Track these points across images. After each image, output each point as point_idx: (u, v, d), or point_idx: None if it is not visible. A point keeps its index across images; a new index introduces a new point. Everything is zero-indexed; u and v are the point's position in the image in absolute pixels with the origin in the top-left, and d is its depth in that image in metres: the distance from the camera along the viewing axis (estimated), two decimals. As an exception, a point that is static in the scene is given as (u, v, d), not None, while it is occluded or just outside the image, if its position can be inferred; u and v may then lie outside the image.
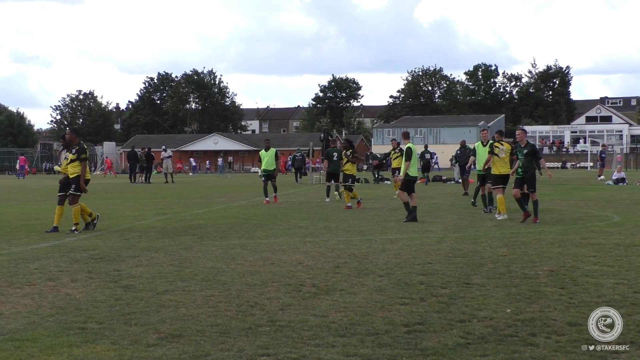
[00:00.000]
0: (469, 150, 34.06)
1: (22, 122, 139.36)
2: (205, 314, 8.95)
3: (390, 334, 7.96)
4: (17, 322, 8.61)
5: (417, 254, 13.93)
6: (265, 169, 28.69)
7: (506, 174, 21.75)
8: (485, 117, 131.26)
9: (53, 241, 16.50)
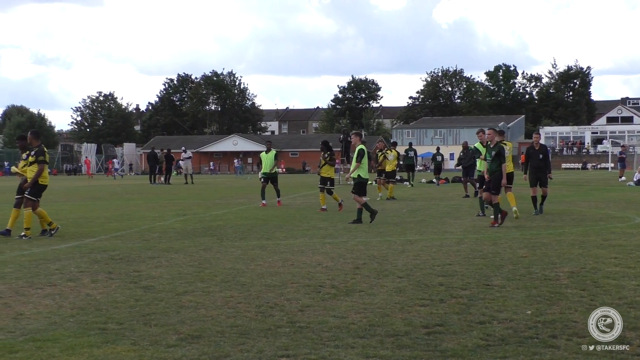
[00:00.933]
0: (471, 152, 33.62)
1: (43, 124, 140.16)
2: (224, 315, 8.96)
3: (410, 336, 7.94)
4: (38, 323, 8.65)
5: (437, 255, 13.89)
6: (265, 172, 28.30)
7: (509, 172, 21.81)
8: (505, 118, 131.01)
9: (73, 242, 16.57)
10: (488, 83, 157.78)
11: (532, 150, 23.16)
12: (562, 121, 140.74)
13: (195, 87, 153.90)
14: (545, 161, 22.96)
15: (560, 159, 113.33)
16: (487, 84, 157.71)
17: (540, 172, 22.87)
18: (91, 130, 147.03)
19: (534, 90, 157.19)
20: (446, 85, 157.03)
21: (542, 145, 23.39)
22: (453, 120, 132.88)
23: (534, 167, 22.96)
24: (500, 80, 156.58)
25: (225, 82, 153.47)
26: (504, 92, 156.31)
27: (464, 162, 33.63)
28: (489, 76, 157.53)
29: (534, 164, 23.00)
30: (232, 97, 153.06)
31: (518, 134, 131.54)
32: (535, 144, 23.24)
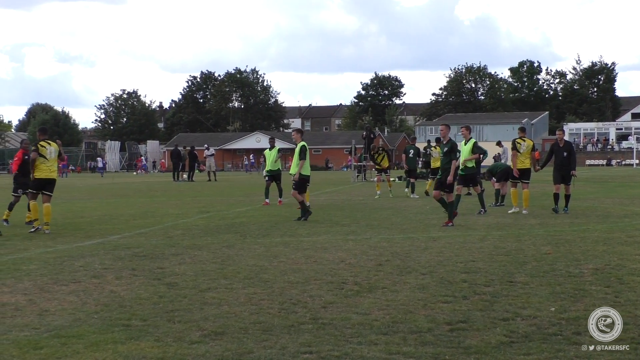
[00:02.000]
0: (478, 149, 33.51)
1: (67, 121, 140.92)
2: (247, 312, 8.97)
3: (433, 332, 7.93)
4: (62, 319, 8.70)
5: (460, 252, 13.86)
6: (269, 170, 27.66)
7: (526, 168, 22.99)
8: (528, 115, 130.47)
9: (98, 239, 16.66)
10: (512, 79, 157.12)
11: (556, 147, 22.78)
12: (586, 117, 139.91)
13: (219, 85, 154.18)
14: (570, 158, 22.49)
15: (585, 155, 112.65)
16: (511, 81, 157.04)
17: (565, 170, 22.43)
18: (115, 128, 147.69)
19: (558, 87, 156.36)
20: (469, 81, 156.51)
21: (566, 142, 22.99)
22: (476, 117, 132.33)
23: (558, 165, 22.58)
24: (524, 76, 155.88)
25: (248, 79, 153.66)
26: (528, 88, 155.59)
27: None
28: (513, 72, 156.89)
29: (558, 162, 22.61)
30: (256, 95, 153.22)
31: (542, 131, 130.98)
32: (560, 140, 22.88)
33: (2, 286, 10.83)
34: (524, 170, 23.08)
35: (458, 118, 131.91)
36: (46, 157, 18.80)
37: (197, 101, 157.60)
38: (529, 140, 23.37)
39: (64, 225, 19.88)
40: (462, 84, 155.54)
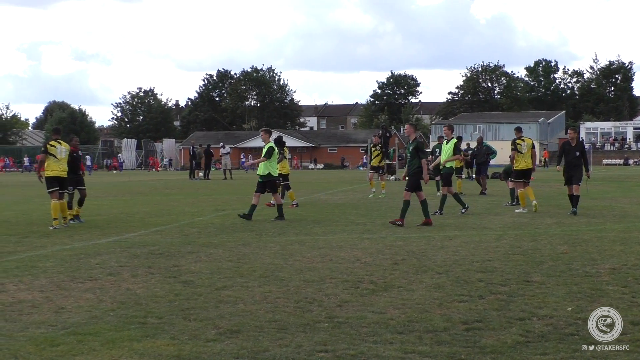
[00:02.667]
0: (485, 148, 32.93)
1: (84, 119, 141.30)
2: (263, 310, 8.98)
3: (449, 332, 7.91)
4: (79, 316, 8.73)
5: (476, 251, 13.83)
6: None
7: (527, 168, 22.96)
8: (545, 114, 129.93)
9: (114, 237, 16.70)
10: (528, 78, 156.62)
11: (568, 147, 21.87)
12: (603, 117, 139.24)
13: (235, 83, 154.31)
14: (582, 159, 21.64)
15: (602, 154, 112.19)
16: (527, 79, 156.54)
17: (575, 170, 21.56)
18: (131, 126, 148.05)
19: (575, 86, 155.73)
20: (486, 80, 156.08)
21: (579, 142, 22.01)
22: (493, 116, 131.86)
23: (569, 165, 21.72)
24: (540, 75, 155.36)
25: (264, 77, 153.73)
26: (544, 87, 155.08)
27: (477, 158, 33.11)
28: (529, 71, 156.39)
29: (569, 161, 21.72)
30: (272, 93, 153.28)
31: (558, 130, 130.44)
32: (572, 140, 21.86)
33: (19, 283, 10.88)
34: (527, 170, 23.05)
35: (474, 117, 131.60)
36: (56, 156, 19.32)
37: (213, 99, 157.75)
38: (529, 139, 23.49)
39: (80, 224, 19.93)
40: (478, 82, 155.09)
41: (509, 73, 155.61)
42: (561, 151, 22.16)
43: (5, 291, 10.31)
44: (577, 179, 21.51)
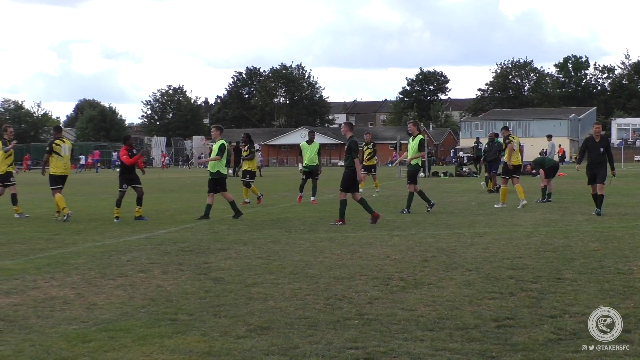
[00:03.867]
0: (497, 145, 31.60)
1: (114, 117, 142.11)
2: (293, 307, 8.98)
3: (480, 329, 7.88)
4: (110, 313, 8.78)
5: (507, 248, 13.76)
6: (307, 165, 26.33)
7: (519, 164, 24.31)
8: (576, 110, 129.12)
9: (144, 234, 16.78)
10: (558, 74, 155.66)
11: (591, 142, 20.54)
12: (635, 113, 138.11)
13: (264, 80, 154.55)
14: (606, 155, 20.29)
15: (633, 151, 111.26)
16: (558, 76, 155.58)
17: (599, 168, 20.25)
18: (161, 124, 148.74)
19: (606, 82, 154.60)
20: (515, 77, 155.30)
21: (603, 137, 20.76)
22: (522, 112, 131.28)
23: (592, 162, 20.45)
24: (570, 71, 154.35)
25: (293, 75, 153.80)
26: (575, 83, 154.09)
27: (489, 155, 32.35)
28: (560, 67, 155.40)
29: (593, 158, 20.43)
30: (301, 90, 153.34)
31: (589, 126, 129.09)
32: (596, 135, 20.60)
33: (51, 280, 10.96)
34: (516, 167, 24.11)
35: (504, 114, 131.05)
36: (61, 154, 20.20)
37: (243, 97, 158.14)
38: (517, 137, 25.15)
39: (111, 220, 20.04)
40: (508, 79, 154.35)
41: (538, 69, 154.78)
42: (584, 147, 20.87)
43: (38, 288, 10.39)
44: (601, 178, 20.16)
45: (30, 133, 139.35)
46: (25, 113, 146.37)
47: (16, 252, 13.93)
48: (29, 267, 12.05)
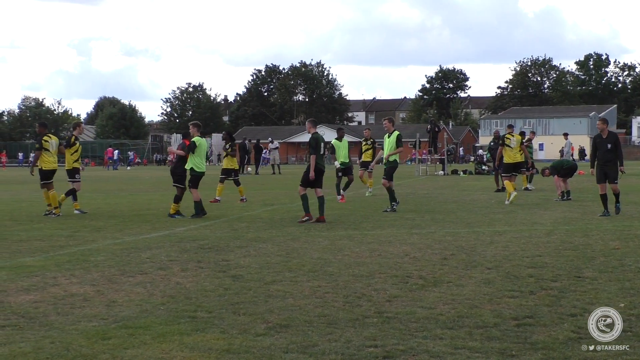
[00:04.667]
0: None
1: (134, 115, 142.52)
2: (312, 305, 8.98)
3: (499, 327, 7.85)
4: (130, 310, 8.80)
5: (526, 247, 13.71)
6: (343, 162, 26.31)
7: (517, 162, 25.32)
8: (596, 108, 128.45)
9: (163, 231, 16.83)
10: (578, 72, 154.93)
11: (598, 140, 19.72)
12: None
13: (283, 78, 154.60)
14: (615, 152, 19.41)
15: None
16: (578, 73, 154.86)
17: (609, 166, 19.39)
18: (180, 121, 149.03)
19: (626, 80, 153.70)
20: (535, 74, 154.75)
21: (610, 133, 19.71)
22: (542, 110, 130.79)
23: (600, 160, 19.51)
24: (591, 69, 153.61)
25: (313, 72, 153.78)
26: (596, 81, 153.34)
27: (495, 153, 30.62)
28: (580, 65, 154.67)
29: (600, 156, 19.52)
30: (320, 88, 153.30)
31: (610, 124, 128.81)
32: (602, 131, 19.64)
33: (71, 277, 11.00)
34: (518, 164, 25.52)
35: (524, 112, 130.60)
36: (49, 149, 20.65)
37: (262, 94, 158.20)
38: (517, 135, 25.95)
39: (131, 218, 20.12)
40: (527, 77, 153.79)
41: (558, 67, 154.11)
42: (593, 146, 19.98)
43: (58, 284, 10.43)
44: (612, 177, 19.40)
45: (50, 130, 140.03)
46: (45, 110, 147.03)
47: (36, 249, 14.00)
48: (49, 264, 12.11)
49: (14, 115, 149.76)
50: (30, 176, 22.41)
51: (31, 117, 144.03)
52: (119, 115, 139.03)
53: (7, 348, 7.22)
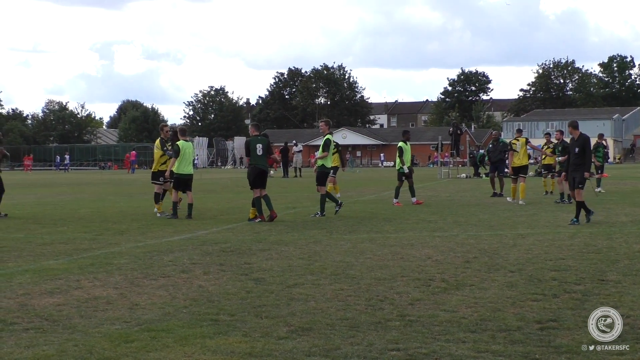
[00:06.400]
0: (502, 145, 29.83)
1: (156, 118, 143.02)
2: (334, 308, 8.97)
3: (523, 331, 7.81)
4: (152, 313, 8.82)
5: (549, 250, 13.65)
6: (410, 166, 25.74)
7: (522, 165, 26.03)
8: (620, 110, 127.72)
9: (186, 234, 16.86)
10: (602, 74, 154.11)
11: (569, 143, 18.98)
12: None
13: (305, 81, 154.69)
14: (583, 157, 18.22)
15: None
16: (601, 75, 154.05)
17: (576, 171, 18.29)
18: (202, 124, 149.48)
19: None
20: (558, 77, 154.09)
21: (581, 136, 18.46)
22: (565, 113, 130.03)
23: (571, 165, 18.52)
24: (614, 71, 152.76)
25: (334, 75, 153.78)
26: (619, 83, 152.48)
27: (493, 156, 30.21)
28: (603, 67, 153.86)
29: (571, 161, 18.58)
30: (342, 91, 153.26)
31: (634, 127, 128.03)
32: (572, 133, 18.63)
33: (94, 280, 11.04)
34: (523, 167, 26.02)
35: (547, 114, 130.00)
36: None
37: (284, 97, 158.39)
38: (523, 139, 26.47)
39: (153, 221, 20.19)
40: (550, 79, 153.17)
41: (581, 69, 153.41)
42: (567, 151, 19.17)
43: (81, 287, 10.47)
44: (577, 182, 18.28)
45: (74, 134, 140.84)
46: (69, 114, 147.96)
47: (60, 252, 14.07)
48: (73, 267, 12.16)
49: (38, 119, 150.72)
50: (58, 180, 22.62)
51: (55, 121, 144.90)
52: (141, 119, 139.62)
53: (31, 351, 7.25)
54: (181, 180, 21.12)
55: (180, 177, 21.08)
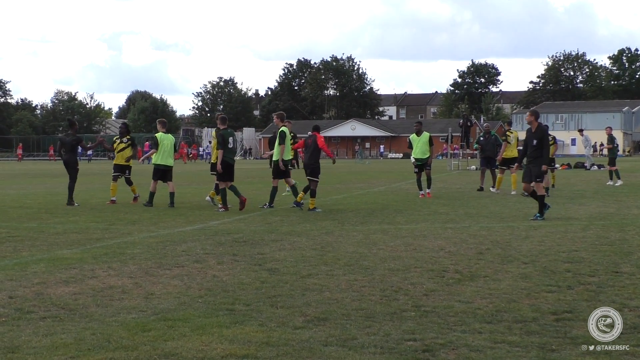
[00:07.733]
0: (494, 138, 28.77)
1: (165, 109, 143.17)
2: (349, 298, 8.99)
3: (538, 322, 7.82)
4: (168, 302, 8.85)
5: (562, 242, 13.64)
6: (419, 158, 25.04)
7: (512, 157, 26.41)
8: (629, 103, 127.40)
9: (198, 224, 16.90)
10: (612, 67, 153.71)
11: (527, 134, 17.87)
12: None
13: (315, 72, 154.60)
14: (541, 149, 17.48)
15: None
16: (611, 68, 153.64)
17: (533, 163, 17.57)
18: (212, 115, 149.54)
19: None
20: (568, 69, 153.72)
21: (540, 128, 17.78)
22: (575, 105, 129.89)
23: (528, 157, 17.88)
24: (624, 63, 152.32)
25: (344, 67, 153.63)
26: (630, 76, 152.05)
27: (484, 151, 28.88)
28: (613, 60, 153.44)
29: (528, 153, 17.86)
30: (351, 82, 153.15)
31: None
32: (530, 124, 17.90)
33: (108, 269, 11.07)
34: (513, 159, 25.87)
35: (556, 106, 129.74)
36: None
37: (293, 89, 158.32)
38: (515, 132, 27.52)
39: (165, 211, 20.24)
40: (560, 71, 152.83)
41: (591, 62, 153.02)
42: (524, 142, 18.17)
43: (96, 277, 10.50)
44: (534, 175, 17.46)
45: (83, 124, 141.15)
46: (78, 104, 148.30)
47: (73, 242, 14.11)
48: (87, 257, 12.20)
49: (47, 109, 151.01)
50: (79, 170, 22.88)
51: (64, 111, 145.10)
52: (150, 109, 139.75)
53: (49, 339, 7.29)
54: (159, 171, 21.90)
55: (158, 167, 21.88)
